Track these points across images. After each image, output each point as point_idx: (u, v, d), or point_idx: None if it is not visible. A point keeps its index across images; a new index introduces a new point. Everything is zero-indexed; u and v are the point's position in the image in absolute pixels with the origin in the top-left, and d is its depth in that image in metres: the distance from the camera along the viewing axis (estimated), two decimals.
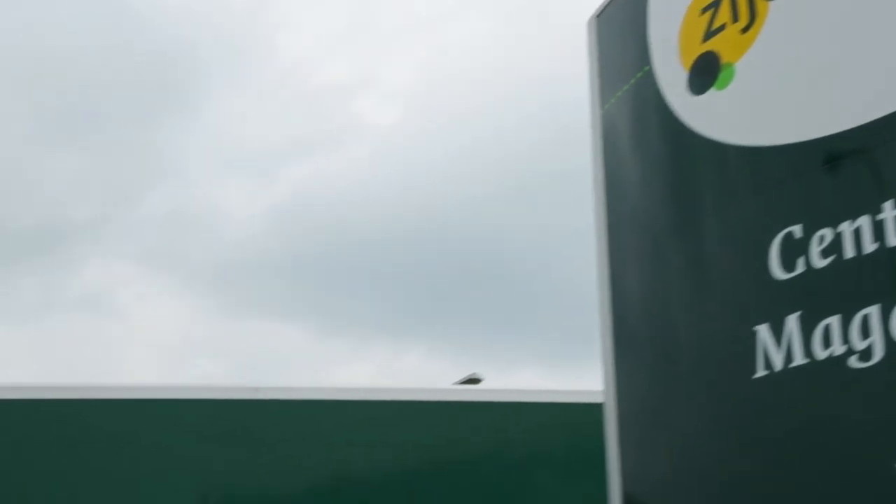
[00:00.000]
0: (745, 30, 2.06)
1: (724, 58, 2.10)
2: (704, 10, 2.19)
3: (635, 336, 2.32)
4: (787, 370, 1.79)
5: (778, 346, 1.82)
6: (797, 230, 1.84)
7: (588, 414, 3.44)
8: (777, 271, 1.86)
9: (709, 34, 2.16)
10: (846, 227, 1.75)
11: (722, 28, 2.12)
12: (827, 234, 1.78)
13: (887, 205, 1.69)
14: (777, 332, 1.83)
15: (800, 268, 1.82)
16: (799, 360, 1.77)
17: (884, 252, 1.68)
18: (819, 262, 1.79)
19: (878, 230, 1.69)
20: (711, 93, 2.12)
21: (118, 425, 3.76)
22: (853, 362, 1.68)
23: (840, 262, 1.75)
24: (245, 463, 3.74)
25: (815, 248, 1.80)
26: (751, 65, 2.04)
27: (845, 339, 1.70)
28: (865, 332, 1.67)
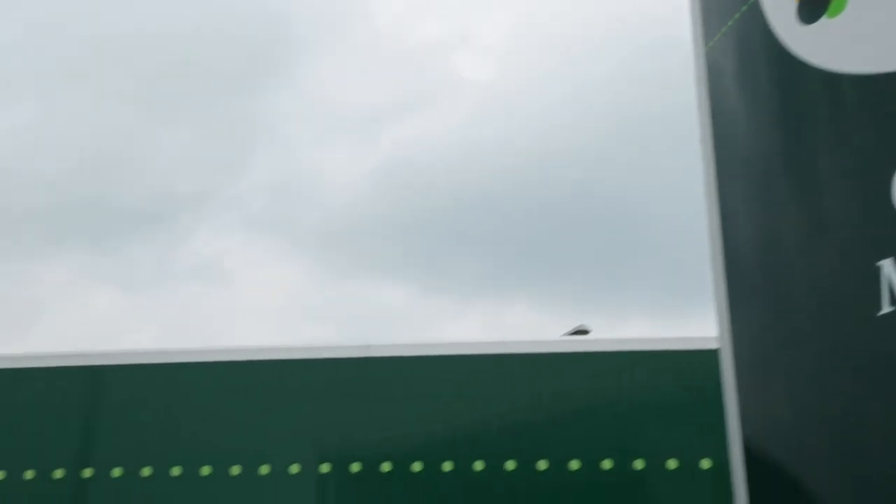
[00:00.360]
0: None
1: None
2: None
3: (749, 278, 2.26)
4: None
5: None
6: None
7: (701, 361, 3.39)
8: None
9: None
10: None
11: None
12: None
13: None
14: None
15: None
16: None
17: None
18: None
19: None
20: (823, 21, 2.02)
21: (235, 385, 3.90)
22: None
23: None
24: (358, 420, 3.82)
25: None
26: None
27: None
28: None
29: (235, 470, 3.72)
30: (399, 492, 3.70)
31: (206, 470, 3.73)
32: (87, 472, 3.76)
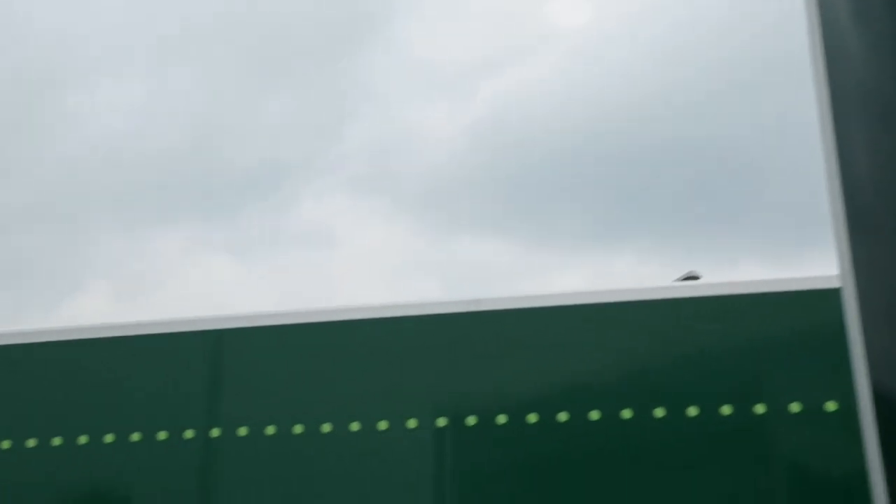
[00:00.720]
0: None
1: None
2: None
3: (871, 214, 2.17)
4: None
5: None
6: None
7: (822, 300, 3.28)
8: None
9: None
10: None
11: None
12: None
13: None
14: None
15: None
16: None
17: None
18: None
19: None
20: None
21: (351, 344, 3.98)
22: None
23: None
24: (472, 374, 3.86)
25: None
26: None
27: None
28: None
29: (355, 426, 3.81)
30: (514, 444, 3.73)
31: (326, 427, 3.83)
32: (216, 432, 3.91)
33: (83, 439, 3.96)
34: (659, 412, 3.63)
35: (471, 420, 3.77)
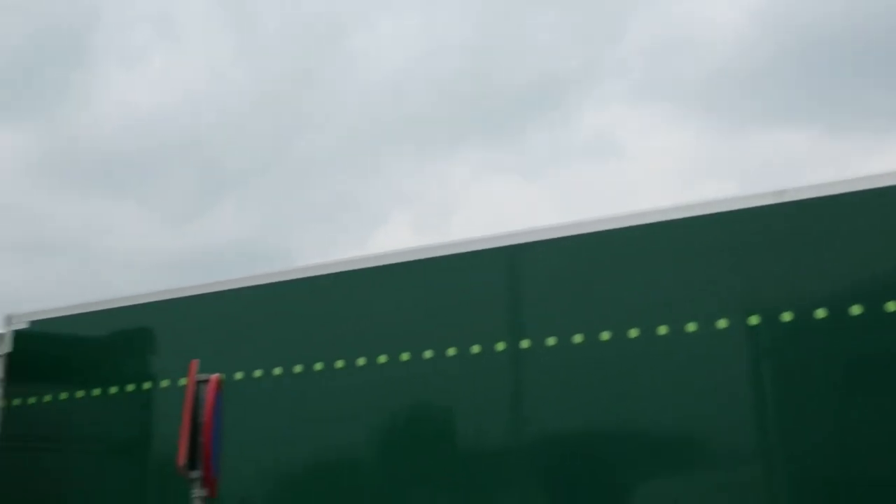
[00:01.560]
0: None
1: None
2: None
3: None
4: None
5: None
6: None
7: None
8: None
9: None
10: None
11: None
12: None
13: None
14: None
15: None
16: None
17: None
18: None
19: None
20: None
21: (653, 246, 3.90)
22: None
23: None
24: (783, 269, 3.66)
25: None
26: None
27: None
28: None
29: (662, 330, 3.76)
30: (836, 338, 3.51)
31: (633, 333, 3.81)
32: (525, 343, 4.02)
33: (405, 356, 4.22)
34: None
35: (786, 316, 3.59)
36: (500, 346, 4.06)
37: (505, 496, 4.02)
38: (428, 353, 4.18)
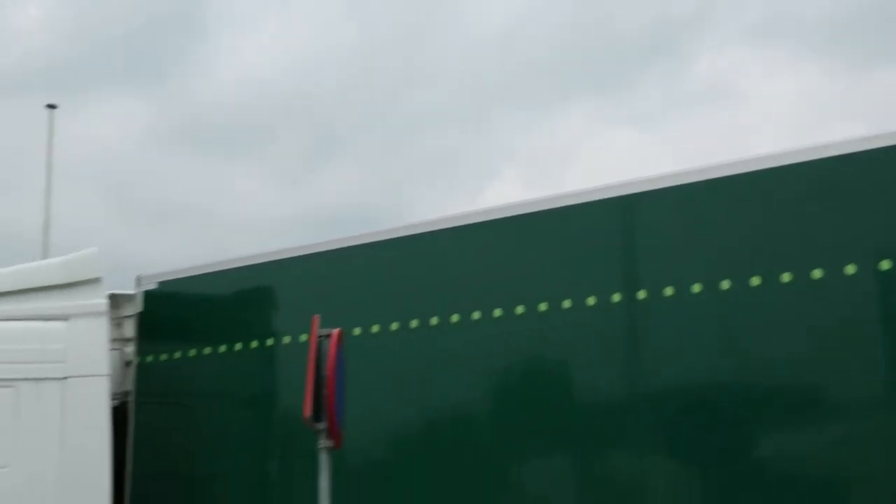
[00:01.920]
0: None
1: None
2: None
3: None
4: None
5: None
6: None
7: None
8: None
9: None
10: None
11: None
12: None
13: None
14: None
15: None
16: None
17: None
18: None
19: None
20: None
21: (766, 193, 3.77)
22: None
23: None
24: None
25: None
26: None
27: None
28: None
29: (786, 277, 3.64)
30: None
31: (755, 280, 3.69)
32: (642, 294, 3.95)
33: (520, 309, 4.22)
34: None
35: None
36: (616, 298, 4.01)
37: (622, 450, 3.99)
38: (543, 306, 4.16)
